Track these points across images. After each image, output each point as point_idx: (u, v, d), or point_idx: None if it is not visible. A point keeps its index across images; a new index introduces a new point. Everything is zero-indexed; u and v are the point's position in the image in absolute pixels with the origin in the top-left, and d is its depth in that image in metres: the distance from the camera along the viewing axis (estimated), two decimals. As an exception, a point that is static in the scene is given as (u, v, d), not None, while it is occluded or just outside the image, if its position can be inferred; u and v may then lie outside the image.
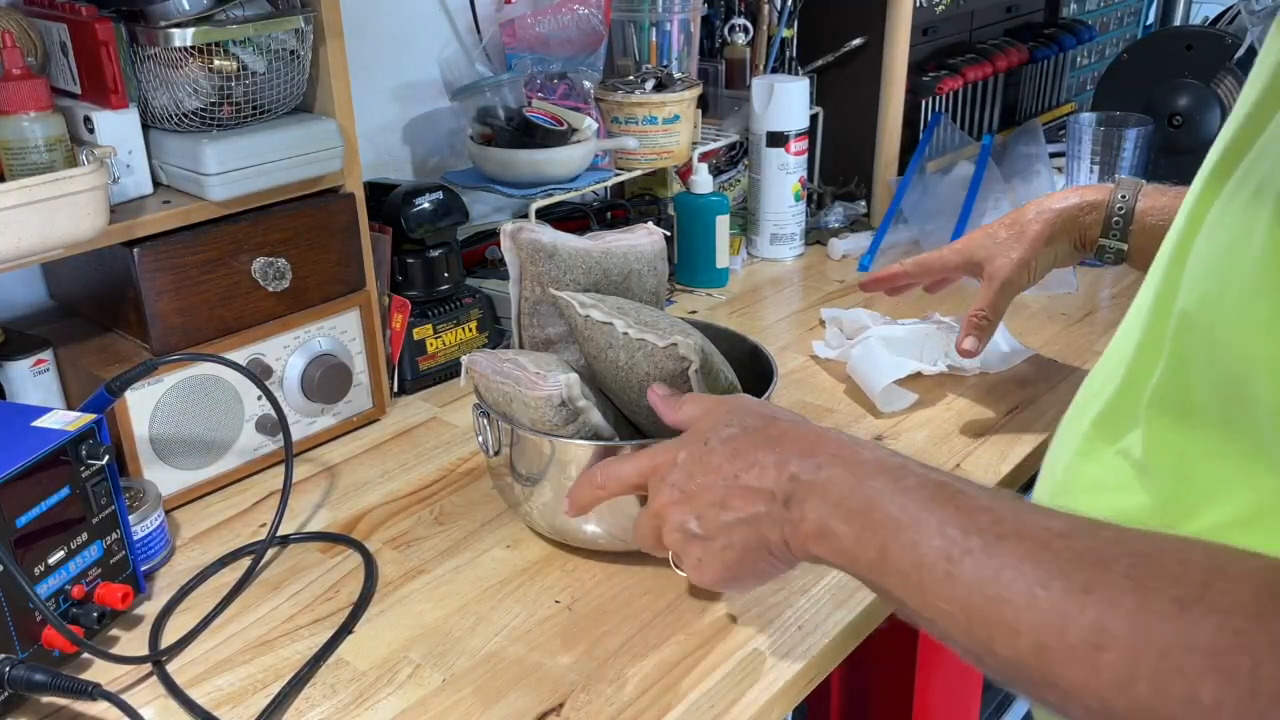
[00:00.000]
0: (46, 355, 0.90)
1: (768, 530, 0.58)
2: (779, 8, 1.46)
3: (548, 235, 0.85)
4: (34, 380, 0.89)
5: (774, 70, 1.48)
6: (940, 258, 1.02)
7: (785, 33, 1.46)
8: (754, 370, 0.88)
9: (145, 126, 0.88)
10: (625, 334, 0.77)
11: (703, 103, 1.38)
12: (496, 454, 0.82)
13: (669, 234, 0.91)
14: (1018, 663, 0.45)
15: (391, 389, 1.09)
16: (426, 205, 1.08)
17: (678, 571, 0.65)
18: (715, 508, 0.60)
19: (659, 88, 1.29)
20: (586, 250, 0.86)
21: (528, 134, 1.16)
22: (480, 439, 0.83)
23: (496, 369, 0.79)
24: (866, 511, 0.53)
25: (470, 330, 1.14)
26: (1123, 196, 0.93)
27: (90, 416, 0.75)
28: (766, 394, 0.82)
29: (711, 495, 0.60)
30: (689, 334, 0.77)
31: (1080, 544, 0.45)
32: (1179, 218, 0.58)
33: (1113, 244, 0.94)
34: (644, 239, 0.89)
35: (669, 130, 1.29)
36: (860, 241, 1.45)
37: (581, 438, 0.77)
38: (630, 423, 0.84)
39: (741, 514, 0.58)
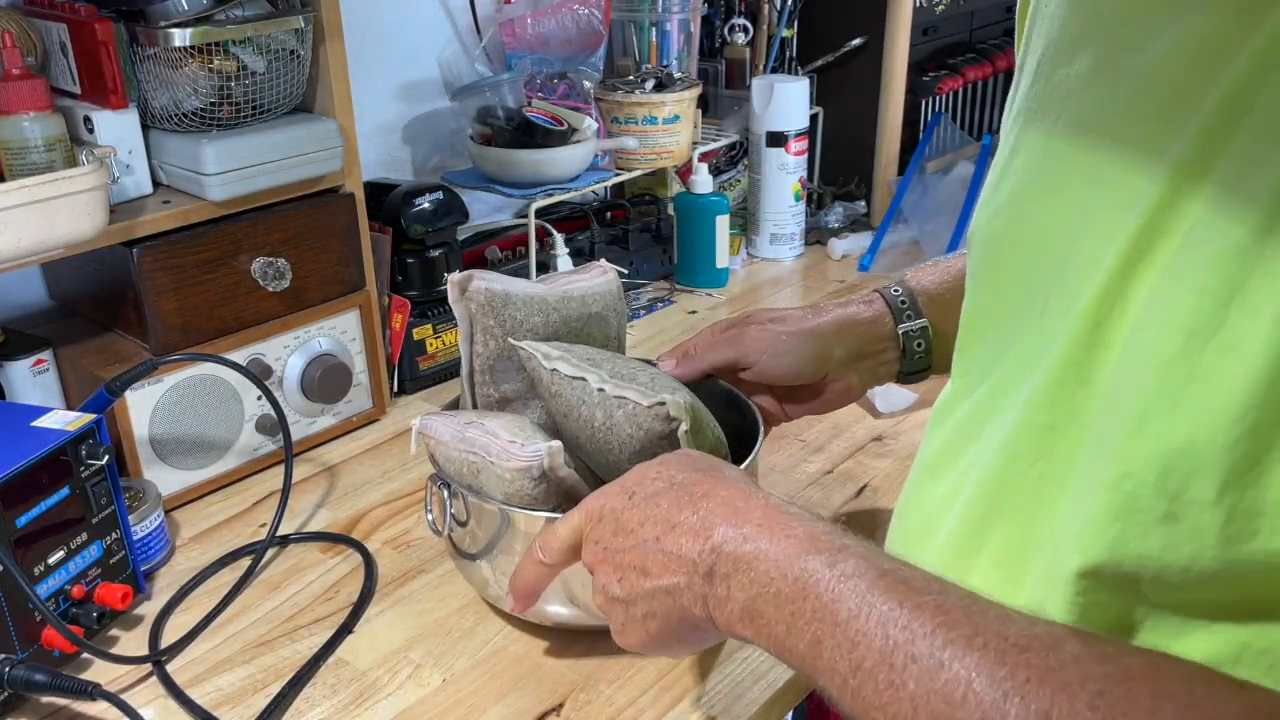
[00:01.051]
0: (46, 355, 0.90)
1: (689, 603, 0.52)
2: (779, 8, 1.46)
3: (499, 283, 0.76)
4: (34, 380, 0.89)
5: (774, 70, 1.48)
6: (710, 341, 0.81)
7: (785, 33, 1.46)
8: (727, 419, 0.76)
9: (145, 126, 0.88)
10: (600, 390, 0.69)
11: (703, 103, 1.38)
12: (463, 525, 0.72)
13: (623, 271, 0.83)
14: None
15: (391, 389, 1.09)
16: (426, 205, 1.08)
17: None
18: (635, 571, 0.54)
19: (659, 88, 1.29)
20: (543, 296, 0.77)
21: (528, 134, 1.16)
22: (430, 516, 0.74)
23: (460, 436, 0.70)
24: (798, 598, 0.46)
25: (470, 330, 1.14)
26: (888, 285, 0.80)
27: (90, 416, 0.75)
28: (753, 454, 0.74)
29: (632, 557, 0.54)
30: (675, 390, 0.69)
31: (1040, 660, 0.39)
32: (1094, 289, 0.44)
33: (914, 325, 0.78)
34: (599, 279, 0.81)
35: (669, 130, 1.29)
36: (860, 241, 1.45)
37: (562, 511, 0.67)
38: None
39: (661, 582, 0.53)
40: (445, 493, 0.72)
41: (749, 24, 1.46)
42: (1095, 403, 0.44)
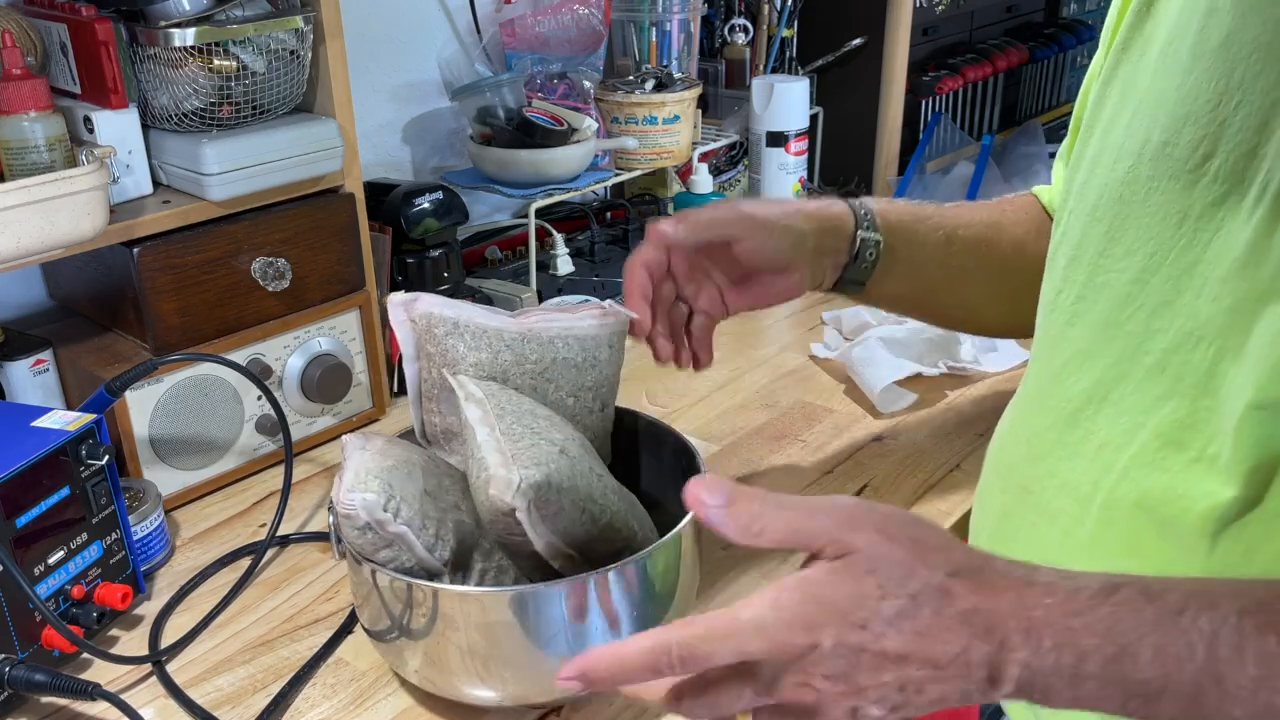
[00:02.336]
0: (46, 355, 0.90)
1: (976, 697, 0.49)
2: (779, 8, 1.46)
3: (451, 309, 0.70)
4: (34, 380, 0.89)
5: (774, 70, 1.48)
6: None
7: (785, 33, 1.46)
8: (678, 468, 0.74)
9: (145, 126, 0.88)
10: (480, 444, 0.63)
11: (703, 103, 1.38)
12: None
13: (635, 316, 0.74)
14: None
15: (391, 389, 1.09)
16: (426, 205, 1.08)
17: None
18: (906, 691, 0.49)
19: (659, 88, 1.29)
20: (499, 330, 0.70)
21: (528, 134, 1.16)
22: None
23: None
24: (1157, 694, 0.45)
25: (470, 330, 1.14)
26: (849, 199, 0.82)
27: (90, 416, 0.75)
28: (683, 522, 0.67)
29: (900, 686, 0.49)
30: (540, 462, 0.62)
31: None
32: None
33: (871, 236, 0.80)
34: (588, 320, 0.72)
35: (669, 130, 1.29)
36: (860, 241, 1.45)
37: (402, 570, 0.63)
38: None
39: (942, 694, 0.49)
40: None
41: (749, 24, 1.46)
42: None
